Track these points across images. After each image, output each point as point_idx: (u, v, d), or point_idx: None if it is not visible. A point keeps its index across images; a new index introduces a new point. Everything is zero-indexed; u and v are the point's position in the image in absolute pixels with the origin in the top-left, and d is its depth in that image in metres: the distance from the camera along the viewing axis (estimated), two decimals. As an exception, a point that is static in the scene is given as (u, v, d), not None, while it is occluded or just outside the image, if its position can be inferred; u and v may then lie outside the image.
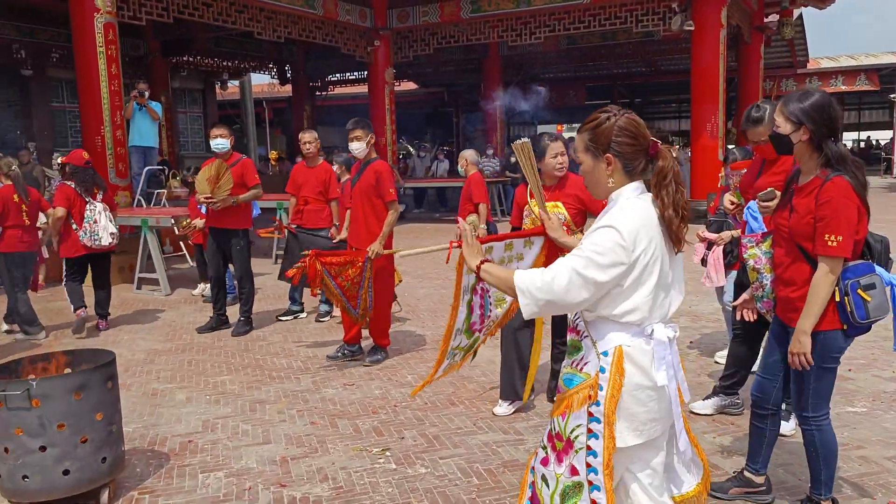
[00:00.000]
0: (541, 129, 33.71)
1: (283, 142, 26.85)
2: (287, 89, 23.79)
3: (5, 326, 6.80)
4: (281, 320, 6.92)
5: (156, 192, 11.29)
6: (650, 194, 2.09)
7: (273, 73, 22.72)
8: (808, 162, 2.76)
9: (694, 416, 4.20)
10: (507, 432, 4.07)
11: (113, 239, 6.67)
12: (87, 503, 3.31)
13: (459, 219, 2.47)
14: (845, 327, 2.73)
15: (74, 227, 6.51)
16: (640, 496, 2.16)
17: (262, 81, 27.17)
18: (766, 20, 17.36)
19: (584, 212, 4.28)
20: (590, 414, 2.04)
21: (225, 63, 20.76)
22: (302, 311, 7.06)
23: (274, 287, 8.48)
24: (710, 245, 4.90)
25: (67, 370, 3.53)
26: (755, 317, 3.23)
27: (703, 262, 5.24)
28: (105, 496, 3.32)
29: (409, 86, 27.35)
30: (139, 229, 8.72)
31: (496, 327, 2.71)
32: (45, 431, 3.12)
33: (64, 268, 6.85)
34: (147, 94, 11.15)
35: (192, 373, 5.34)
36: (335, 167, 7.19)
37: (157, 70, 17.73)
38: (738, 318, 3.34)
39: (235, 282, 6.86)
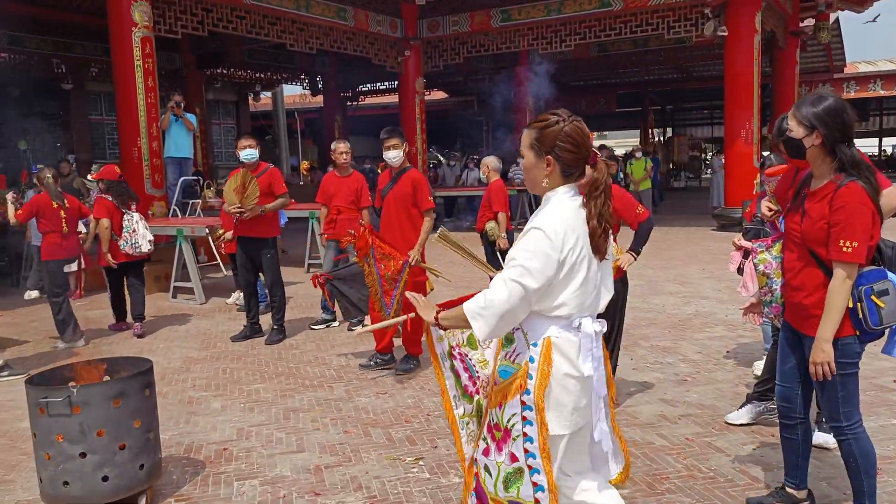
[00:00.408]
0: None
1: (314, 152, 27.11)
2: (318, 100, 24.07)
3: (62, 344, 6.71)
4: (313, 329, 6.96)
5: (191, 202, 11.46)
6: (581, 197, 2.19)
7: (305, 84, 23.00)
8: (821, 166, 2.73)
9: (731, 427, 4.11)
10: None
11: (150, 246, 7.09)
12: (125, 509, 3.35)
13: (409, 293, 2.53)
14: (858, 333, 2.70)
15: (114, 237, 6.90)
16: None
17: (293, 92, 27.53)
18: (801, 24, 17.09)
19: (616, 220, 4.24)
20: (522, 403, 2.14)
21: (258, 75, 21.07)
22: (334, 319, 7.09)
23: (306, 296, 8.54)
24: (746, 253, 4.82)
25: (106, 378, 3.58)
26: (761, 321, 3.21)
27: (740, 270, 5.15)
28: (142, 502, 3.36)
29: (438, 95, 27.46)
30: (174, 239, 8.86)
31: (492, 392, 2.62)
32: (85, 438, 3.17)
33: (106, 277, 7.16)
34: (182, 105, 11.33)
35: (226, 381, 5.39)
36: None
37: (191, 82, 18.04)
38: (743, 321, 3.33)
39: (266, 290, 6.92)
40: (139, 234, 6.96)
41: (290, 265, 10.54)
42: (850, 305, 2.67)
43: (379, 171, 20.53)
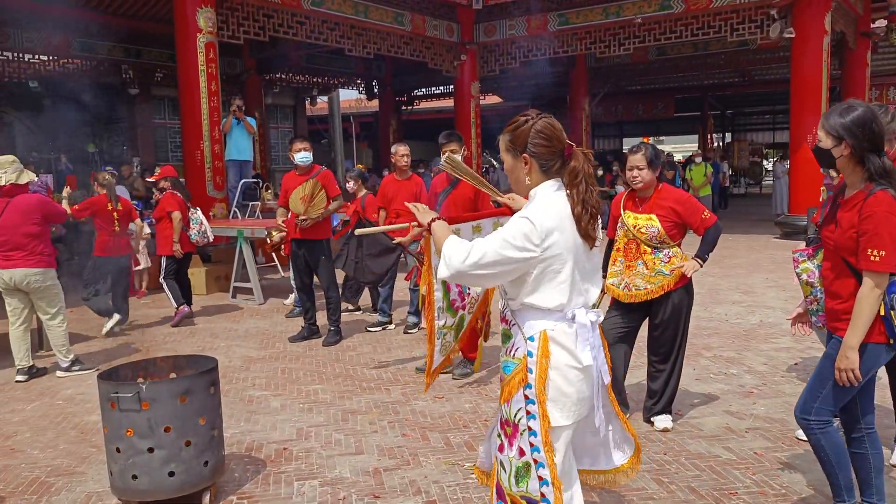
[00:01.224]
0: (627, 141, 33.13)
1: (369, 156, 27.37)
2: (374, 104, 24.28)
3: (108, 326, 7.14)
4: (370, 331, 6.99)
5: (250, 204, 11.69)
6: (564, 191, 2.25)
7: (361, 89, 23.23)
8: (852, 176, 2.75)
9: (803, 443, 3.95)
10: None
11: (212, 236, 8.08)
12: (189, 505, 3.41)
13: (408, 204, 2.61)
14: (891, 342, 2.69)
15: (184, 228, 7.68)
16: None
17: (349, 97, 27.88)
18: (872, 26, 16.44)
19: (682, 225, 4.12)
20: (525, 397, 2.19)
21: (315, 79, 21.38)
22: (390, 321, 7.12)
23: (361, 298, 8.59)
24: None
25: (172, 375, 3.65)
26: (810, 331, 3.19)
27: None
28: (206, 499, 3.41)
29: (493, 100, 27.41)
30: (234, 240, 9.04)
31: (482, 307, 2.77)
32: (153, 433, 3.23)
33: (163, 266, 7.66)
34: (243, 108, 11.59)
35: (285, 381, 5.45)
36: (350, 183, 7.70)
37: (251, 87, 18.41)
38: (792, 332, 3.32)
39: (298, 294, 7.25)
40: (206, 226, 7.90)
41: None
42: (882, 313, 2.66)
43: (432, 174, 20.68)
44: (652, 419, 4.28)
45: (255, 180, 12.69)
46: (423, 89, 24.63)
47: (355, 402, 4.89)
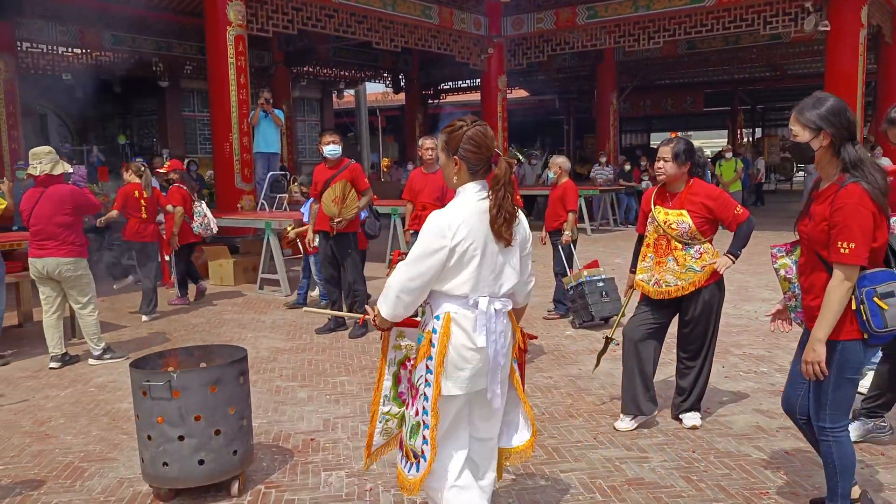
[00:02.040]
0: (654, 136, 32.76)
1: (395, 149, 27.41)
2: (400, 98, 24.30)
3: (145, 318, 7.48)
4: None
5: (278, 196, 11.77)
6: (484, 193, 2.50)
7: (387, 82, 23.26)
8: (828, 168, 2.76)
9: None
10: (629, 448, 3.91)
11: (216, 228, 8.56)
12: (218, 493, 3.44)
13: (368, 308, 2.74)
14: (865, 337, 2.67)
15: (187, 219, 8.14)
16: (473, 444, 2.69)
17: (376, 90, 27.91)
18: (910, 19, 16.07)
19: (713, 221, 4.06)
20: (426, 366, 2.48)
21: (342, 73, 21.46)
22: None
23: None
24: None
25: (202, 364, 3.69)
26: (790, 327, 3.19)
27: None
28: (235, 487, 3.45)
29: (519, 94, 27.28)
30: (262, 232, 9.11)
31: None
32: (184, 422, 3.27)
33: (177, 256, 8.28)
34: (271, 101, 11.66)
35: (312, 372, 5.49)
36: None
37: (279, 80, 18.52)
38: (771, 329, 3.29)
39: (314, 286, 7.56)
40: (209, 218, 8.34)
41: (372, 261, 10.66)
42: (854, 308, 2.65)
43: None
44: (680, 416, 4.24)
45: (282, 173, 12.77)
46: (450, 83, 24.59)
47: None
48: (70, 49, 15.51)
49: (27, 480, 3.67)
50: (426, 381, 2.49)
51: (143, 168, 7.77)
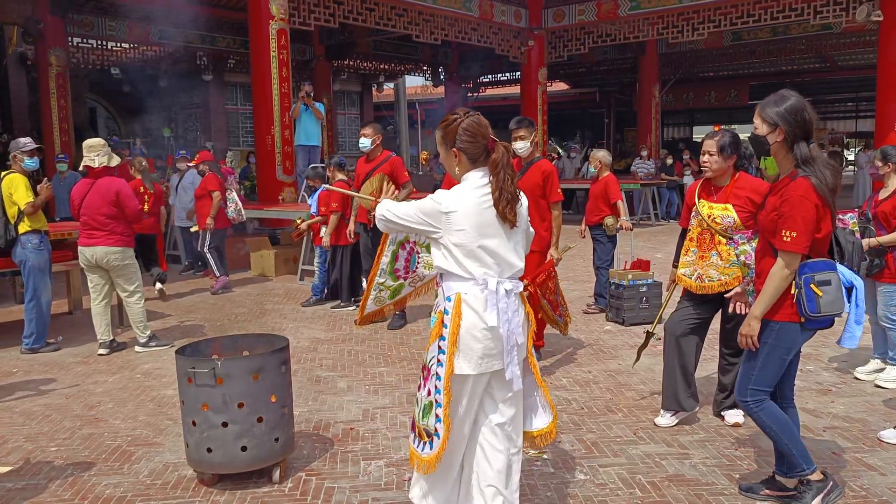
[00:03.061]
0: (697, 130, 32.19)
1: (433, 142, 27.41)
2: (439, 91, 24.31)
3: (158, 285, 8.09)
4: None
5: (318, 188, 11.88)
6: (486, 179, 2.59)
7: (427, 75, 23.28)
8: (784, 162, 2.96)
9: (885, 445, 3.79)
10: (670, 445, 3.86)
11: (245, 216, 9.08)
12: (260, 479, 3.51)
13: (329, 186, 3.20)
14: (803, 320, 2.88)
15: (222, 204, 8.51)
16: (486, 431, 2.71)
17: (415, 83, 27.95)
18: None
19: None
20: (439, 347, 2.56)
21: (382, 66, 21.55)
22: None
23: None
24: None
25: (245, 353, 3.75)
26: (748, 310, 3.28)
27: None
28: (277, 474, 3.50)
29: (559, 86, 27.05)
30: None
31: (423, 287, 3.16)
32: (227, 409, 3.33)
33: (207, 239, 8.49)
34: (312, 94, 11.77)
35: (351, 363, 5.54)
36: (327, 171, 8.04)
37: (320, 73, 18.68)
38: (730, 311, 3.57)
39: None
40: (240, 205, 8.80)
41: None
42: (793, 292, 2.86)
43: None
44: (722, 413, 4.18)
45: (323, 165, 12.88)
46: (489, 76, 24.49)
47: (420, 386, 4.92)
48: (118, 44, 15.88)
49: (78, 462, 3.79)
50: (438, 360, 2.55)
51: (144, 164, 8.55)
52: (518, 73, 18.24)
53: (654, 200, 15.77)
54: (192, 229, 9.01)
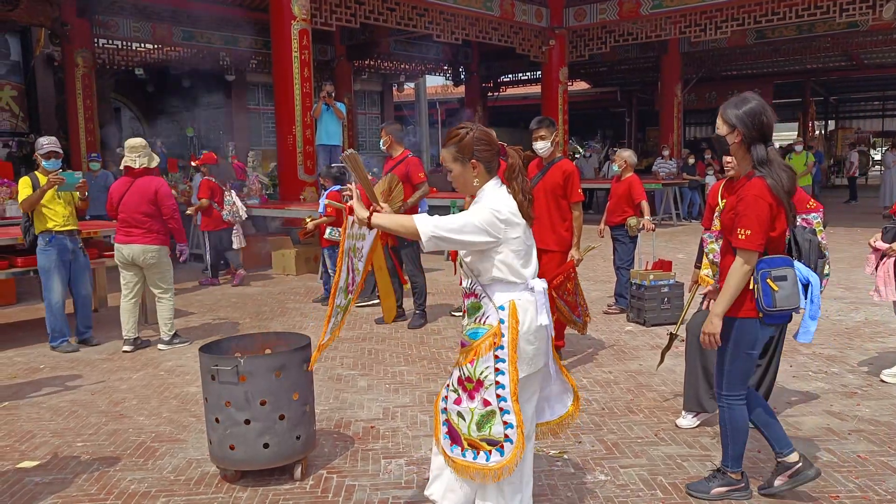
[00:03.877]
0: (720, 129, 31.81)
1: (453, 142, 27.37)
2: (460, 90, 24.29)
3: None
4: (454, 315, 7.03)
5: (339, 188, 11.92)
6: (504, 186, 2.66)
7: (447, 75, 23.28)
8: (742, 162, 3.06)
9: (913, 448, 3.73)
10: (691, 446, 3.84)
11: (247, 214, 9.34)
12: (282, 476, 3.54)
13: (350, 186, 3.03)
14: (760, 316, 2.97)
15: (217, 208, 8.92)
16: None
17: (435, 83, 27.98)
18: None
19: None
20: (496, 357, 2.56)
21: (402, 66, 21.57)
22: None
23: (446, 283, 8.67)
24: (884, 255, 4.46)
25: (267, 351, 3.78)
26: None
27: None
28: (298, 471, 3.53)
29: (580, 85, 26.93)
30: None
31: (358, 288, 3.09)
32: (250, 406, 3.36)
33: (209, 240, 9.12)
34: (333, 94, 11.82)
35: (372, 361, 5.56)
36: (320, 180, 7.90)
37: (341, 73, 18.75)
38: (703, 307, 3.71)
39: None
40: (238, 206, 9.05)
41: (431, 252, 10.74)
42: (751, 287, 2.95)
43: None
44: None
45: (343, 165, 12.93)
46: (510, 75, 24.43)
47: (440, 385, 4.91)
48: (143, 45, 16.07)
49: (104, 457, 3.85)
50: (497, 370, 2.55)
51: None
52: (539, 73, 18.21)
53: (676, 200, 15.64)
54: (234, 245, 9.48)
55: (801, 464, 3.18)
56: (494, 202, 2.57)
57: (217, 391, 3.39)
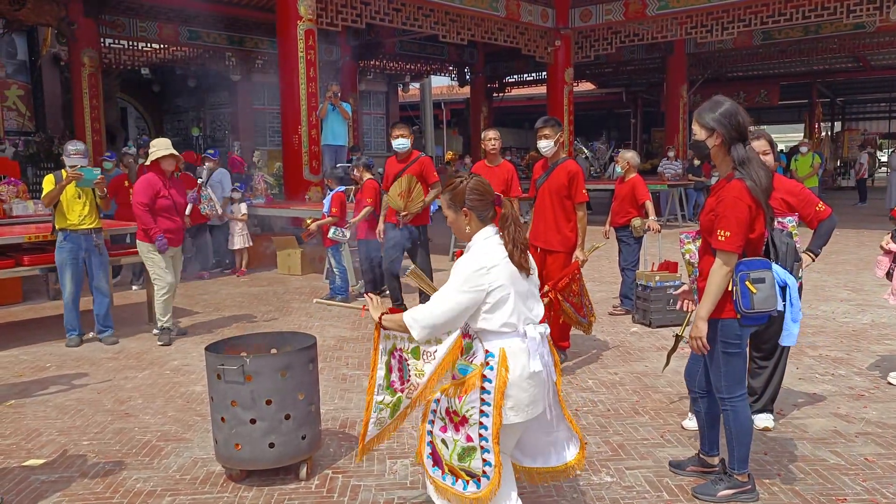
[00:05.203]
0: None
1: (459, 142, 27.42)
2: (465, 91, 24.29)
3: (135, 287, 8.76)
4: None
5: (344, 188, 11.93)
6: (497, 235, 2.68)
7: (453, 76, 23.27)
8: (722, 164, 3.08)
9: (921, 451, 3.71)
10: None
11: (220, 210, 9.59)
12: (287, 476, 3.54)
13: (367, 295, 3.04)
14: (739, 316, 3.00)
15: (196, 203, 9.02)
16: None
17: (441, 83, 27.98)
18: None
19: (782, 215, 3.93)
20: (481, 399, 2.58)
21: (408, 66, 21.58)
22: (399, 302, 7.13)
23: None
24: None
25: (273, 351, 3.78)
26: (694, 307, 3.41)
27: (889, 276, 4.74)
28: (303, 471, 3.53)
29: (586, 86, 26.89)
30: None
31: (418, 398, 2.90)
32: (255, 405, 3.37)
33: (194, 237, 9.31)
34: (339, 94, 11.82)
35: (377, 361, 5.55)
36: (354, 171, 7.86)
37: (346, 73, 18.75)
38: (677, 308, 3.73)
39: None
40: (214, 201, 9.43)
41: (436, 253, 10.72)
42: (730, 289, 2.98)
43: (521, 162, 20.49)
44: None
45: (349, 165, 12.94)
46: (515, 76, 24.41)
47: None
48: (149, 44, 16.11)
49: (110, 456, 3.85)
50: (482, 412, 2.58)
51: (130, 159, 9.51)
52: (544, 73, 18.15)
53: (682, 201, 15.61)
54: (239, 245, 9.84)
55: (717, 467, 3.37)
56: (479, 255, 2.60)
57: (223, 390, 3.39)
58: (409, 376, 2.91)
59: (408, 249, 6.71)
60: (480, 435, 2.60)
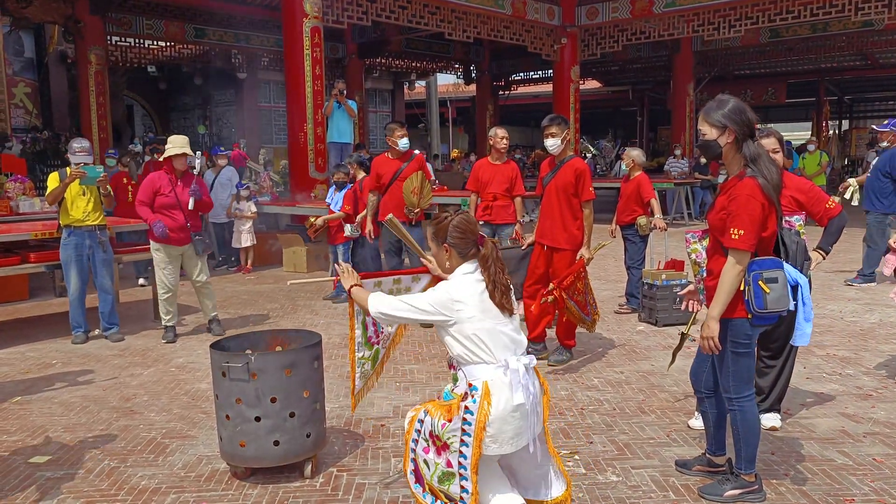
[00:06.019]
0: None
1: (465, 140, 27.40)
2: (471, 89, 24.26)
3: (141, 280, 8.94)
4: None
5: (350, 186, 11.93)
6: (478, 272, 2.70)
7: (458, 74, 23.25)
8: (732, 163, 3.04)
9: (930, 452, 3.68)
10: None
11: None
12: (291, 474, 3.53)
13: (338, 265, 3.22)
14: (750, 316, 2.98)
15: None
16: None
17: (446, 81, 27.96)
18: None
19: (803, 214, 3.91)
20: (462, 430, 2.60)
21: (414, 64, 21.57)
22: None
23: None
24: None
25: (278, 348, 3.78)
26: (700, 307, 3.46)
27: None
28: (308, 469, 3.53)
29: (592, 84, 26.82)
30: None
31: (392, 344, 3.45)
32: (260, 403, 3.36)
33: None
34: (345, 92, 11.82)
35: (382, 359, 5.54)
36: (349, 168, 7.95)
37: (352, 71, 18.75)
38: (682, 308, 3.69)
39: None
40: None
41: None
42: (742, 289, 2.96)
43: (527, 160, 20.46)
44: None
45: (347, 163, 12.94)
46: (521, 74, 24.37)
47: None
48: (155, 42, 16.13)
49: (115, 453, 3.86)
50: (462, 441, 2.60)
51: (128, 158, 9.66)
52: (550, 71, 18.12)
53: (688, 200, 15.55)
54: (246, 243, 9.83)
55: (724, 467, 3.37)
56: (453, 288, 2.65)
57: (228, 388, 3.39)
58: (383, 329, 3.33)
59: (403, 246, 6.71)
60: (460, 463, 2.63)
